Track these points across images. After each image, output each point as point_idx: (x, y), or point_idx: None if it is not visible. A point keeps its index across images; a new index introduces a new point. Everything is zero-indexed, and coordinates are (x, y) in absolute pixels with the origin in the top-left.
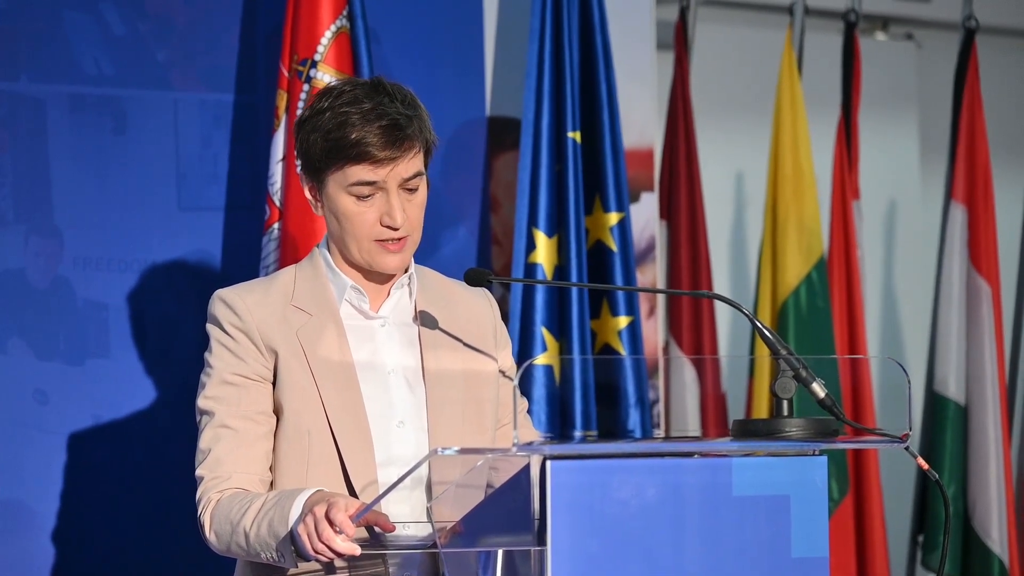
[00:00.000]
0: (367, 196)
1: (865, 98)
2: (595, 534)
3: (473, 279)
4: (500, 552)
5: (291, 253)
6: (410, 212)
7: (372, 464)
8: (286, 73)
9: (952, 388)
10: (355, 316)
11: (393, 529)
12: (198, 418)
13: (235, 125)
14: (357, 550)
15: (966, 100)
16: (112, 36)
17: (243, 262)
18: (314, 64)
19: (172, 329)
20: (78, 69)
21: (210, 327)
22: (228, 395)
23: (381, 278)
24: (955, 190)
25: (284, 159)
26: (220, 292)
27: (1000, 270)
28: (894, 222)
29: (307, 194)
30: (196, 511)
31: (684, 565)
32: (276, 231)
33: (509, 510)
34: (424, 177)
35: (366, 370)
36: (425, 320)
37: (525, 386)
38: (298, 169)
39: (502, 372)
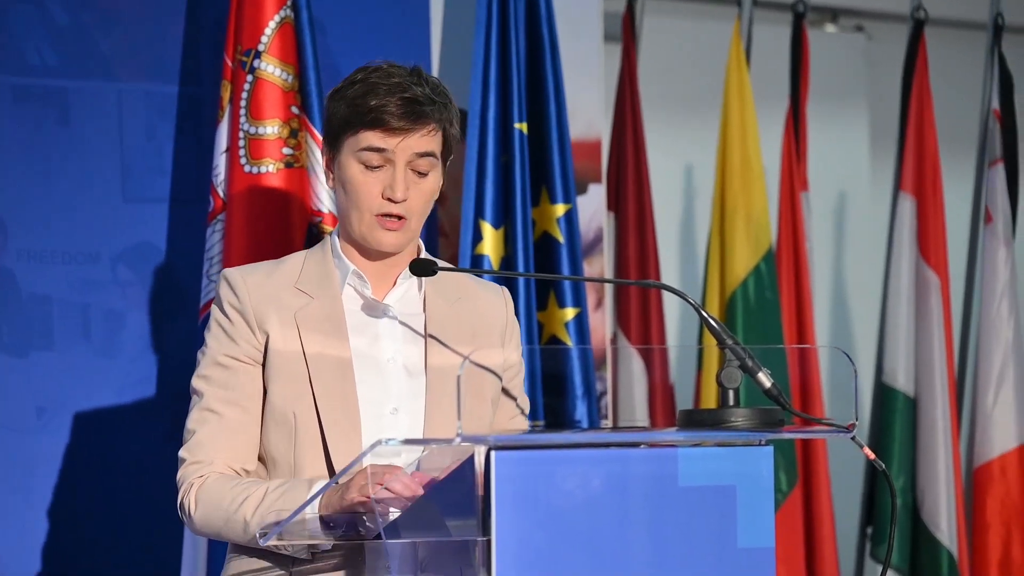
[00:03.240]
0: (375, 166)
1: (814, 90)
2: (540, 525)
3: (418, 270)
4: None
5: (236, 244)
6: (414, 195)
7: (358, 450)
8: (230, 64)
9: (901, 380)
10: (358, 302)
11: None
12: (191, 394)
13: (179, 116)
14: (420, 490)
15: (915, 91)
16: (55, 26)
17: (188, 254)
18: (258, 55)
19: (117, 321)
20: (21, 60)
21: (213, 306)
22: (218, 377)
23: (386, 266)
24: (904, 181)
25: (228, 150)
26: (226, 271)
27: (949, 261)
28: (843, 213)
29: (324, 166)
30: (176, 495)
31: (630, 555)
32: (220, 222)
33: (453, 500)
34: (438, 166)
35: (363, 356)
36: (432, 312)
37: None
38: (323, 139)
39: (505, 370)
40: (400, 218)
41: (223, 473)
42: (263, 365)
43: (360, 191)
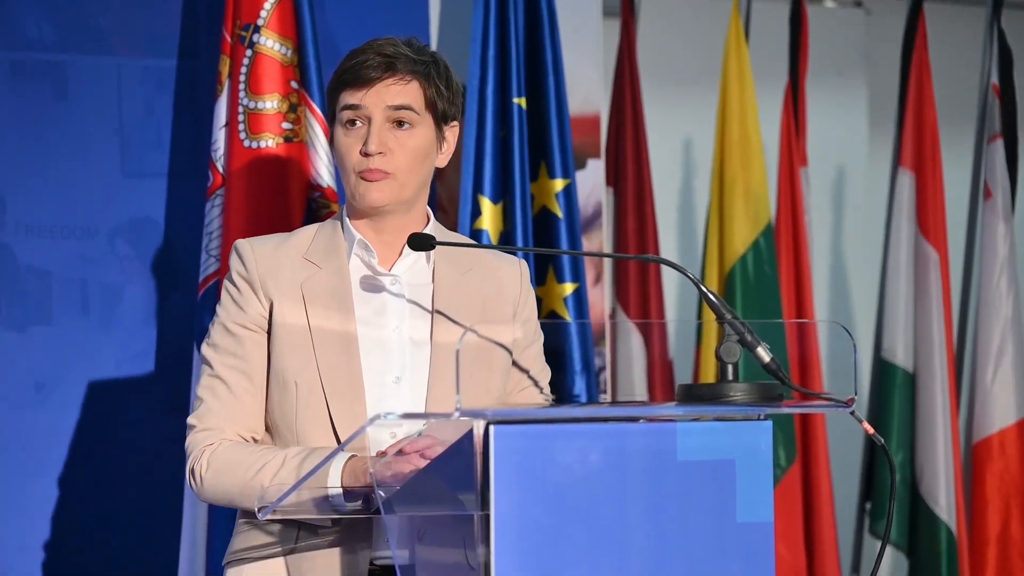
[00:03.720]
0: (354, 124)
1: (813, 65)
2: (539, 499)
3: (416, 244)
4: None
5: (235, 219)
6: (396, 149)
7: (362, 418)
8: (229, 39)
9: (900, 355)
10: (364, 272)
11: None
12: (201, 361)
13: (178, 91)
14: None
15: (914, 67)
16: (54, 1)
17: (186, 228)
18: (257, 29)
19: (115, 296)
20: (20, 34)
21: (226, 276)
22: (227, 345)
23: (393, 235)
24: (903, 157)
25: (227, 125)
26: (238, 241)
27: (948, 237)
28: (842, 189)
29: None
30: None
31: (628, 530)
32: (219, 197)
33: (452, 475)
34: (423, 122)
35: (367, 326)
36: (440, 282)
37: None
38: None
39: (515, 342)
40: (377, 169)
41: (234, 440)
42: (268, 333)
43: (342, 151)
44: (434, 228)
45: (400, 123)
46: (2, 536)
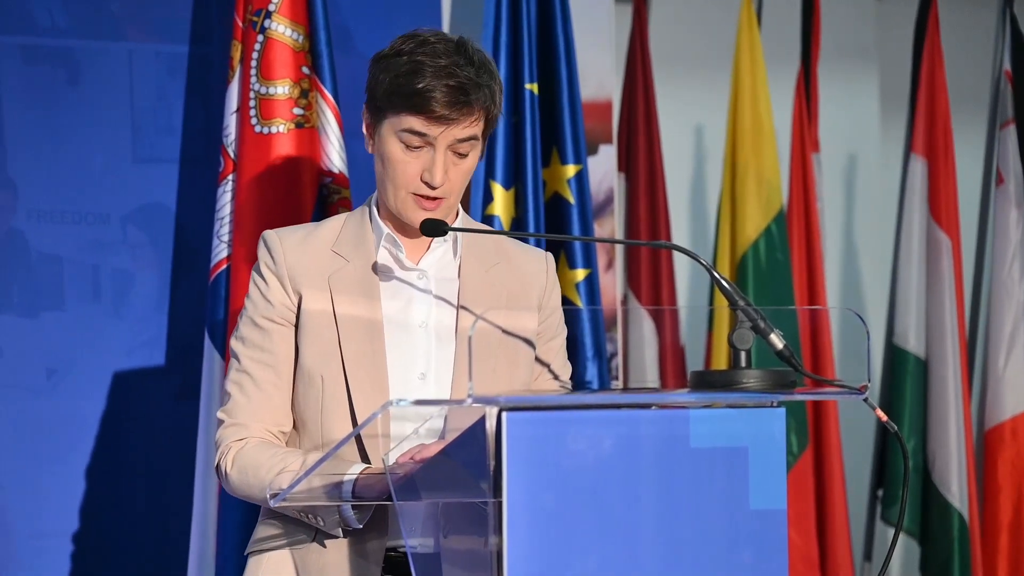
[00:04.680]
0: (415, 147)
1: (825, 51)
2: (551, 486)
3: (429, 230)
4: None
5: (246, 205)
6: (453, 175)
7: (386, 415)
8: (241, 24)
9: (912, 342)
10: (392, 266)
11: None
12: (231, 353)
13: (190, 76)
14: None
15: (926, 53)
16: None
17: (198, 214)
18: (268, 15)
19: (127, 281)
20: (32, 20)
21: (254, 268)
22: (255, 339)
23: (416, 230)
24: (915, 143)
25: (239, 110)
26: (266, 232)
27: (960, 223)
28: (854, 175)
29: (364, 129)
30: (214, 457)
31: (641, 517)
32: (231, 183)
33: (465, 462)
34: (478, 146)
35: (394, 321)
36: (466, 277)
37: None
38: (365, 103)
39: (539, 335)
40: (436, 199)
41: (262, 439)
42: (296, 326)
43: (398, 169)
44: (463, 221)
45: (461, 151)
46: (13, 521)
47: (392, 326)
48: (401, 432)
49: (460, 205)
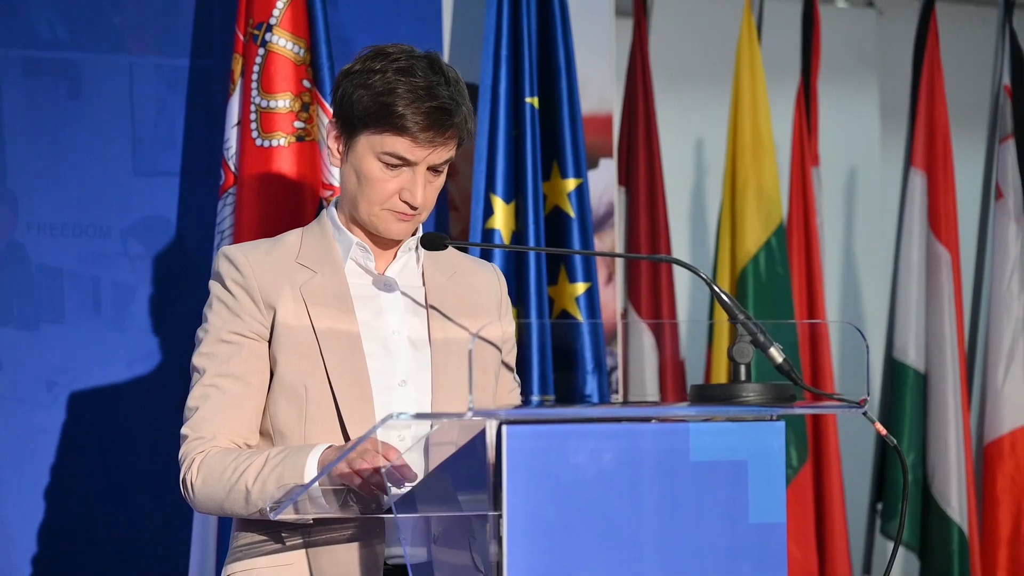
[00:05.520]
0: (395, 166)
1: (825, 65)
2: (551, 499)
3: (429, 243)
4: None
5: (247, 218)
6: (428, 193)
7: (372, 421)
8: (242, 37)
9: (912, 355)
10: (360, 275)
11: (415, 478)
12: (191, 373)
13: (191, 89)
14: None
15: (926, 67)
16: (67, 0)
17: (198, 227)
18: (269, 28)
19: (127, 294)
20: (33, 33)
21: (212, 283)
22: (221, 353)
23: (387, 240)
24: (915, 156)
25: (240, 124)
26: (225, 248)
27: (959, 237)
28: (854, 189)
29: (331, 142)
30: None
31: (641, 530)
32: (231, 196)
33: (465, 475)
34: (452, 160)
35: (369, 329)
36: (432, 284)
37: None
38: (331, 116)
39: (503, 344)
40: (413, 214)
41: (226, 448)
42: (270, 340)
43: (377, 187)
44: (420, 234)
45: (437, 169)
46: (13, 534)
47: (368, 335)
48: (386, 438)
49: (434, 213)
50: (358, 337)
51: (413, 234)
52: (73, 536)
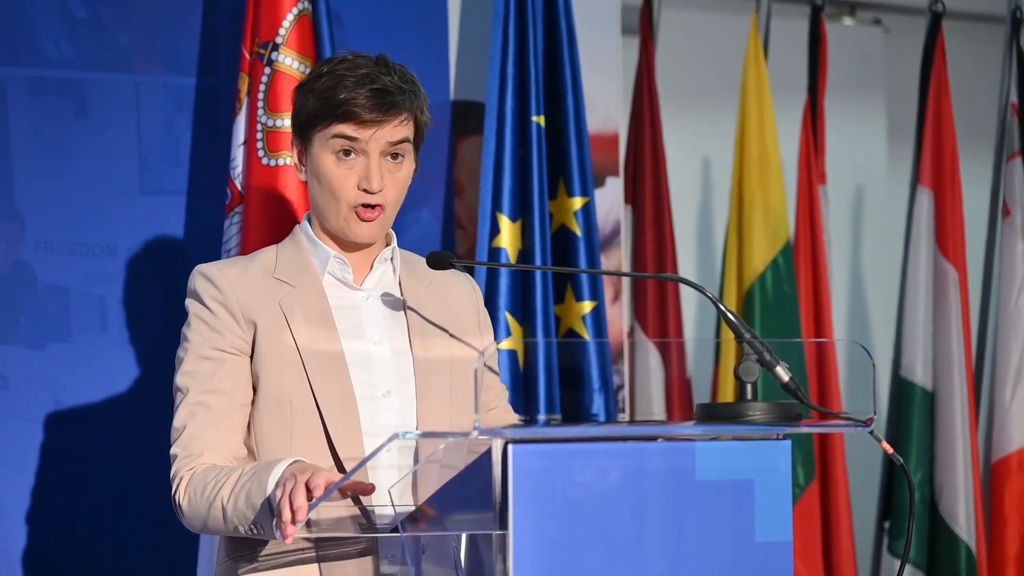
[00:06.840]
0: (348, 155)
1: (832, 83)
2: (557, 518)
3: (435, 262)
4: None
5: (253, 237)
6: (389, 183)
7: (358, 433)
8: (248, 56)
9: (919, 374)
10: (338, 287)
11: (372, 490)
12: (174, 394)
13: (197, 108)
14: (303, 514)
15: (933, 85)
16: (73, 19)
17: (205, 246)
18: (276, 47)
19: (134, 313)
20: (39, 52)
21: (189, 302)
22: (204, 370)
23: (362, 251)
24: (922, 175)
25: (246, 143)
26: (200, 267)
27: (967, 255)
28: (860, 207)
29: (294, 158)
30: (169, 491)
31: (647, 549)
32: (238, 215)
33: (471, 494)
34: (411, 152)
35: (350, 341)
36: (410, 295)
37: None
38: (292, 133)
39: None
40: (376, 207)
41: (212, 464)
42: (251, 356)
43: (335, 183)
44: (395, 244)
45: (395, 156)
46: (20, 551)
47: (350, 346)
48: (373, 449)
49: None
50: (340, 350)
51: (387, 244)
52: (80, 554)
